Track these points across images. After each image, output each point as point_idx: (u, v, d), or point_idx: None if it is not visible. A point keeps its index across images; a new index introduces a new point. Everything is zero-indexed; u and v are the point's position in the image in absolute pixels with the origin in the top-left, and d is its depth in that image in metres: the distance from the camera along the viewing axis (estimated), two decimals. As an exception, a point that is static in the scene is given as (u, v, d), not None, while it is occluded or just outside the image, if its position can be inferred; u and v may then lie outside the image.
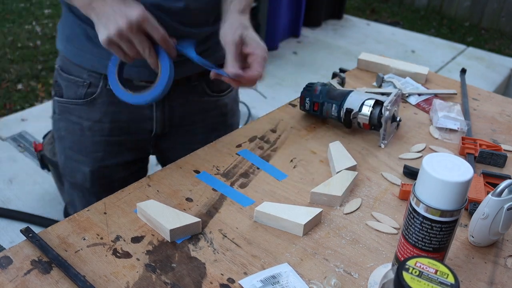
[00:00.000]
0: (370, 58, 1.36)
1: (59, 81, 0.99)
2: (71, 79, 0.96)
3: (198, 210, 0.80)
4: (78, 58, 0.94)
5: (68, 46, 0.95)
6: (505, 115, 1.18)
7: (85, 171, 1.03)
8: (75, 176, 1.05)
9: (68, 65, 0.97)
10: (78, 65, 0.95)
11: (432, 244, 0.61)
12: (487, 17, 4.85)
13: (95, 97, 0.96)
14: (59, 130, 1.03)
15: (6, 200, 2.11)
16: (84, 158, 1.02)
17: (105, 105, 0.97)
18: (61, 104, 1.00)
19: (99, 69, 0.93)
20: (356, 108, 1.00)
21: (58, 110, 1.01)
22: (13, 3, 4.75)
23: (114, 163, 1.03)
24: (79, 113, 0.98)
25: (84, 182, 1.05)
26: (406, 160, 0.98)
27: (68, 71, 0.97)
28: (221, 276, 0.68)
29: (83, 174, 1.03)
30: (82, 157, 1.02)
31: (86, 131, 0.99)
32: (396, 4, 5.47)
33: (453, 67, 3.50)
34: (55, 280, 0.65)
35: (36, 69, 3.54)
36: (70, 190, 1.11)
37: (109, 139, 1.01)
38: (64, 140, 1.03)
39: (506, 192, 0.72)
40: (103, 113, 0.98)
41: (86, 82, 0.95)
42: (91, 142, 1.00)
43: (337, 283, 0.68)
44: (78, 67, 0.95)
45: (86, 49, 0.92)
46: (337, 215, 0.82)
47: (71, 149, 1.03)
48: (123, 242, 0.73)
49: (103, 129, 0.99)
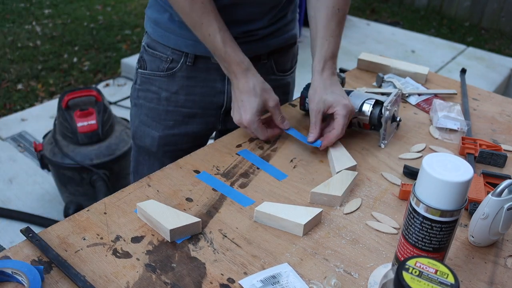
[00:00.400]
0: (370, 58, 1.36)
1: (144, 57, 1.12)
2: (156, 54, 1.09)
3: (198, 210, 0.80)
4: (164, 38, 1.06)
5: (156, 28, 1.07)
6: (505, 115, 1.18)
7: (154, 136, 1.14)
8: (144, 139, 1.16)
9: (154, 43, 1.09)
10: (164, 44, 1.07)
11: (432, 244, 0.61)
12: (487, 17, 4.85)
13: (175, 71, 1.08)
14: (138, 98, 1.15)
15: (6, 200, 2.11)
16: (156, 124, 1.13)
17: (183, 79, 1.08)
18: (143, 75, 1.12)
19: (181, 47, 1.05)
20: (356, 108, 1.00)
21: (140, 81, 1.13)
22: (13, 3, 4.76)
23: (182, 132, 1.14)
24: (159, 84, 1.10)
25: (152, 146, 1.15)
26: (406, 160, 0.98)
27: (154, 48, 1.09)
28: (221, 276, 0.68)
29: (152, 138, 1.14)
30: (154, 123, 1.13)
31: (163, 101, 1.11)
32: (396, 4, 5.47)
33: (453, 67, 3.50)
34: (55, 280, 0.65)
35: (36, 69, 3.54)
36: (136, 154, 1.22)
37: (182, 110, 1.11)
38: (141, 107, 1.15)
39: (506, 192, 0.72)
40: (180, 86, 1.09)
41: (169, 58, 1.07)
42: (165, 110, 1.12)
43: (337, 283, 0.68)
44: (163, 46, 1.07)
45: (171, 30, 1.05)
46: (337, 215, 0.82)
47: (146, 115, 1.14)
48: (123, 242, 0.73)
49: (178, 100, 1.10)
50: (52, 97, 3.17)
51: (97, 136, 1.91)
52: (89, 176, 1.88)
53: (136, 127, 1.18)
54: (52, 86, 3.34)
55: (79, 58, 3.73)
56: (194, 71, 1.07)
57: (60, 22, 4.43)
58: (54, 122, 1.98)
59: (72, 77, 3.47)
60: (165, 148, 1.15)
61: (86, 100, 1.97)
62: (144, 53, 1.12)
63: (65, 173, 1.90)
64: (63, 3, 4.88)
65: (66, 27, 4.32)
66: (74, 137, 1.89)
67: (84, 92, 1.98)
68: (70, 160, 1.85)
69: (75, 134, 1.88)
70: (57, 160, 1.87)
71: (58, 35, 4.14)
